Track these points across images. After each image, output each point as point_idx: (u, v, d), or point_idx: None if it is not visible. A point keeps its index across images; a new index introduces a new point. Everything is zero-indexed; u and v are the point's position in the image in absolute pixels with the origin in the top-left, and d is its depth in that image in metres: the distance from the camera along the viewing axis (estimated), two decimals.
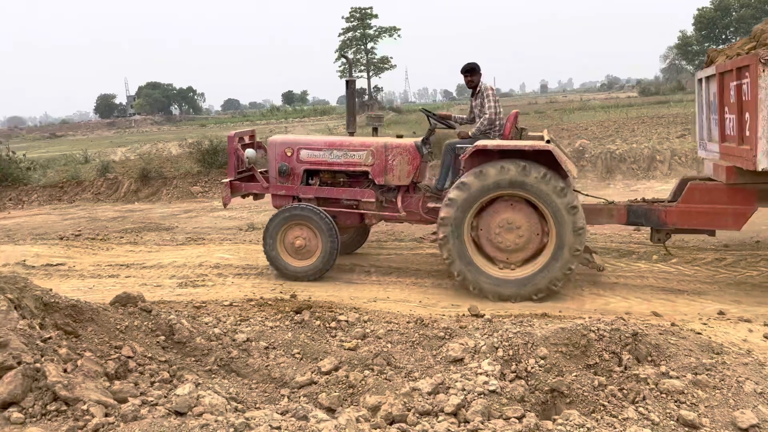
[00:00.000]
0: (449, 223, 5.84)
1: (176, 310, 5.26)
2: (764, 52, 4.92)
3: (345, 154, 6.79)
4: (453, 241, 5.84)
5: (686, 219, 5.94)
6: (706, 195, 5.81)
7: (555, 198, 5.61)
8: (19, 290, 4.05)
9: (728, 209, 5.69)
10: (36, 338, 3.64)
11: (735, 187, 5.60)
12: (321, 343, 4.52)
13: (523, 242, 5.86)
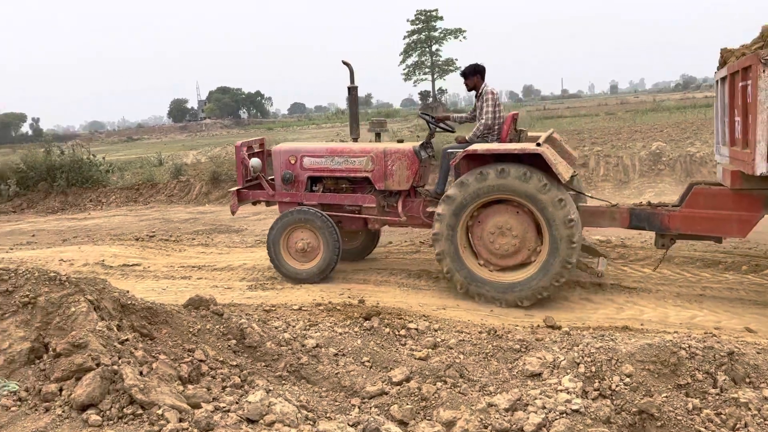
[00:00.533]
0: (440, 238, 5.94)
1: (246, 314, 5.30)
2: (765, 52, 4.68)
3: (346, 161, 6.86)
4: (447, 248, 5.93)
5: (689, 224, 5.72)
6: (711, 200, 5.59)
7: (541, 197, 5.56)
8: (98, 292, 4.14)
9: (733, 215, 5.45)
10: (114, 340, 3.70)
11: (740, 192, 5.34)
12: (391, 352, 4.42)
13: (518, 245, 5.84)
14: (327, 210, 6.87)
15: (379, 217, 6.87)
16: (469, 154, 5.86)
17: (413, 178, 6.67)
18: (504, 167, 5.67)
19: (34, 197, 14.59)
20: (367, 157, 6.76)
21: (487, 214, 5.91)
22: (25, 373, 3.54)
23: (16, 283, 3.84)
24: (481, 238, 5.94)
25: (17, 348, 3.60)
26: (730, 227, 5.53)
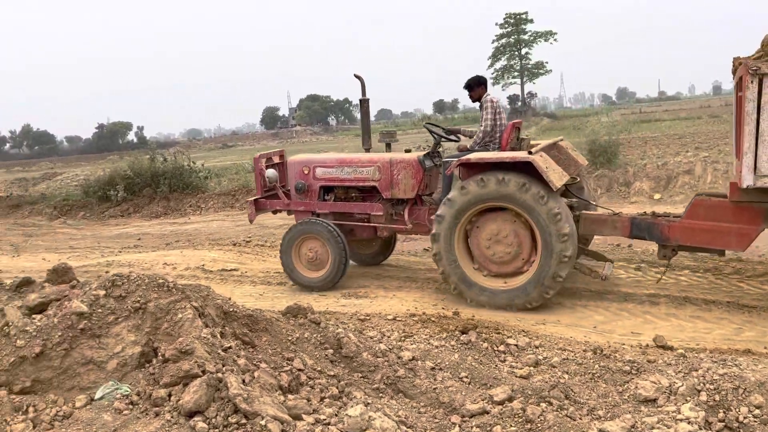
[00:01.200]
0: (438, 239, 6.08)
1: (341, 322, 5.31)
2: (753, 62, 4.62)
3: (355, 171, 7.09)
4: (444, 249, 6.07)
5: (689, 236, 5.61)
6: (710, 212, 5.45)
7: (535, 206, 5.61)
8: (202, 299, 4.25)
9: (732, 228, 5.28)
10: (218, 347, 3.77)
11: (740, 205, 5.16)
12: (490, 368, 4.27)
13: (513, 252, 5.95)
14: (339, 218, 7.16)
15: (386, 225, 7.04)
16: (464, 162, 5.99)
17: (418, 187, 6.83)
18: (505, 176, 5.73)
19: (140, 202, 15.44)
20: (374, 167, 6.97)
21: (485, 220, 6.01)
22: (136, 376, 3.68)
23: (129, 288, 4.00)
24: (478, 243, 6.07)
25: (129, 352, 3.75)
26: (729, 240, 5.39)
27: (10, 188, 22.77)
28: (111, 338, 3.78)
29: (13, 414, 3.36)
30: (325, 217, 7.20)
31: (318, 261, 6.94)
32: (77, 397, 3.52)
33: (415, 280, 7.18)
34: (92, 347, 3.71)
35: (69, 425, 3.18)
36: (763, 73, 4.64)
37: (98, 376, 3.66)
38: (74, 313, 3.75)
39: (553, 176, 5.59)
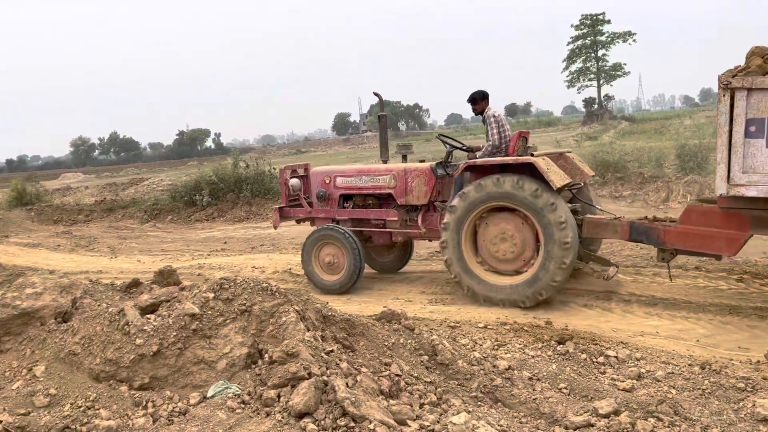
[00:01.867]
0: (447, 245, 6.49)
1: (431, 329, 5.32)
2: (725, 77, 4.88)
3: (372, 179, 7.51)
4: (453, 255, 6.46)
5: (683, 240, 5.80)
6: (702, 217, 5.65)
7: (534, 201, 5.96)
8: (303, 302, 4.37)
9: (722, 233, 5.48)
10: (320, 350, 3.87)
11: (728, 211, 5.32)
12: (590, 380, 4.18)
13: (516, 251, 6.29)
14: (356, 224, 7.61)
15: (401, 230, 7.40)
16: (471, 167, 6.50)
17: (431, 194, 7.16)
18: (499, 177, 6.14)
19: (224, 207, 15.99)
20: (390, 175, 7.37)
21: (492, 221, 6.38)
22: (244, 376, 3.82)
23: (235, 291, 4.16)
24: (485, 239, 6.43)
25: (237, 352, 3.90)
26: (720, 245, 5.54)
27: (102, 193, 24.13)
28: (220, 339, 3.95)
29: (134, 408, 3.56)
30: (344, 224, 7.59)
31: (335, 265, 7.31)
32: (191, 394, 3.69)
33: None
34: (203, 347, 3.88)
35: (187, 421, 3.33)
36: (734, 87, 4.89)
37: (209, 375, 3.83)
38: (187, 314, 3.94)
39: (553, 176, 5.93)
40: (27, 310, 4.13)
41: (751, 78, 4.87)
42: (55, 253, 11.95)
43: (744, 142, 4.95)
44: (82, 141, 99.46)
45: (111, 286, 5.33)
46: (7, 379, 3.80)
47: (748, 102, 4.90)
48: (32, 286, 4.30)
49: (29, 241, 13.70)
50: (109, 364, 3.76)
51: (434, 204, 7.23)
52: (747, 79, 4.89)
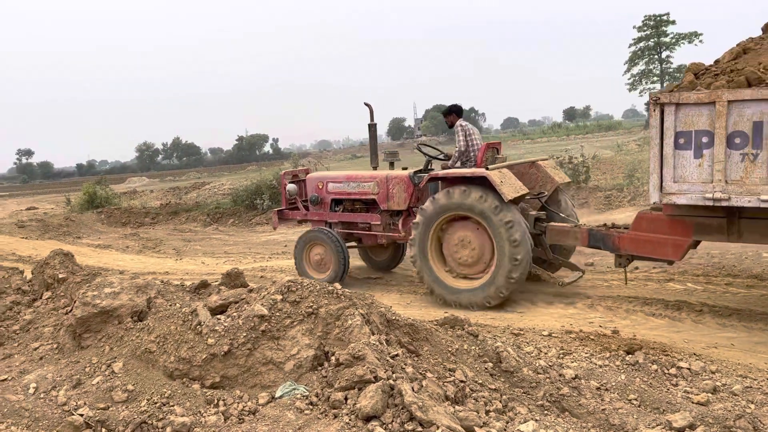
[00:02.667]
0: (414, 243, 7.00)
1: (494, 335, 5.26)
2: (654, 94, 5.32)
3: (359, 185, 8.10)
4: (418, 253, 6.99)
5: (635, 246, 6.07)
6: (651, 224, 5.92)
7: (492, 216, 6.39)
8: (367, 306, 4.40)
9: (668, 239, 5.77)
10: (386, 354, 3.89)
11: (673, 218, 5.67)
12: (661, 392, 4.05)
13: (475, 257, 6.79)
14: (346, 227, 8.29)
15: (383, 234, 7.96)
16: (433, 177, 7.10)
17: (410, 200, 7.69)
18: (467, 188, 6.57)
19: None
20: (374, 182, 7.92)
21: (453, 229, 6.86)
22: (310, 378, 3.88)
23: (302, 294, 4.23)
24: (448, 247, 6.92)
25: (304, 354, 3.96)
26: (666, 250, 5.82)
27: (166, 196, 24.98)
28: (288, 340, 4.02)
29: (206, 406, 3.67)
30: (335, 226, 8.29)
31: (323, 264, 8.00)
32: (260, 394, 3.78)
33: (565, 296, 6.97)
34: (272, 348, 3.97)
35: (257, 420, 3.41)
36: (663, 103, 5.28)
37: (277, 375, 3.91)
38: (256, 315, 4.04)
39: (505, 189, 6.32)
40: (106, 309, 4.32)
41: (678, 94, 5.26)
42: (124, 254, 12.44)
43: (674, 154, 5.31)
44: (147, 146, 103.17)
45: (181, 286, 5.51)
46: (87, 375, 3.98)
47: (677, 116, 5.27)
48: (110, 286, 4.50)
49: (100, 242, 14.32)
50: (182, 362, 3.89)
51: (413, 210, 7.66)
52: (674, 95, 5.27)
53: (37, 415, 3.51)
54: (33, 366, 4.27)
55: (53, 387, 3.87)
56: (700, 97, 5.15)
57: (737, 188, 5.08)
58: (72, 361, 4.19)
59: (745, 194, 5.03)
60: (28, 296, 6.06)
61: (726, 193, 5.12)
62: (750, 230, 5.37)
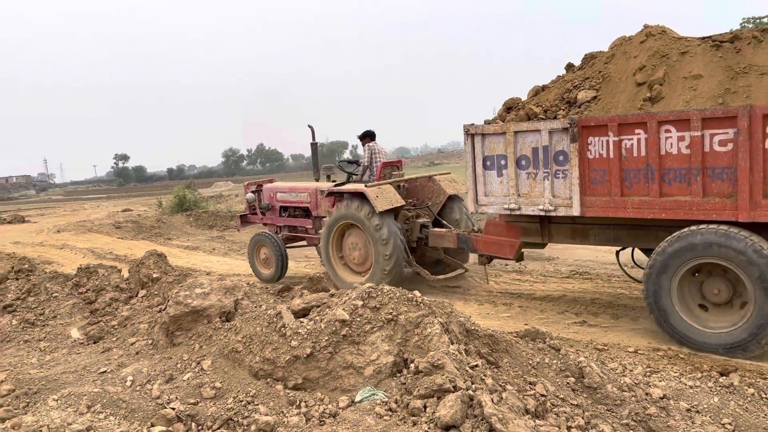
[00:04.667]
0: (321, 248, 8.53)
1: (576, 350, 5.13)
2: (466, 126, 6.49)
3: (297, 195, 9.56)
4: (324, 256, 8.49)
5: (485, 247, 7.14)
6: (495, 228, 7.00)
7: (366, 222, 7.72)
8: (446, 315, 4.40)
9: (505, 241, 6.87)
10: (465, 364, 3.88)
11: (508, 223, 6.79)
12: (758, 417, 3.83)
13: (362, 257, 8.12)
14: (290, 230, 9.77)
15: (315, 236, 9.10)
16: (329, 192, 8.58)
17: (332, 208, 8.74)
18: (350, 201, 7.97)
19: None
20: (307, 193, 9.36)
21: (349, 233, 8.20)
22: (389, 384, 3.92)
23: (382, 300, 4.29)
24: (345, 250, 8.33)
25: (383, 360, 4.01)
26: (505, 250, 6.92)
27: None
28: (367, 346, 4.08)
29: (289, 407, 3.78)
30: (282, 229, 9.79)
31: (268, 261, 9.35)
32: (340, 398, 3.85)
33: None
34: (352, 353, 4.04)
35: (338, 423, 3.48)
36: (472, 133, 6.49)
37: (357, 380, 3.97)
38: (338, 320, 4.12)
39: (377, 203, 7.57)
40: (197, 308, 4.54)
41: (482, 126, 6.51)
42: (211, 256, 12.97)
43: (483, 173, 6.55)
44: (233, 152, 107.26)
45: (266, 289, 5.71)
46: (179, 371, 4.19)
47: (483, 144, 6.48)
48: (200, 287, 4.73)
49: (188, 243, 15.00)
50: (267, 363, 4.02)
51: None
52: (479, 127, 6.52)
53: (133, 407, 3.73)
54: (130, 360, 4.55)
55: (148, 381, 4.09)
56: (496, 128, 6.42)
57: (524, 200, 6.32)
58: (165, 357, 4.42)
59: (530, 204, 6.29)
60: (125, 293, 6.45)
61: (517, 203, 6.37)
62: (556, 232, 6.57)
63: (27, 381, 4.24)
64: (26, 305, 6.40)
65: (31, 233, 19.37)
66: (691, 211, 5.28)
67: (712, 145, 5.13)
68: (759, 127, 4.87)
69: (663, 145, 5.36)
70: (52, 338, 5.54)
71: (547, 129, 5.99)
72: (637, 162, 5.51)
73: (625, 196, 5.61)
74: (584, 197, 5.85)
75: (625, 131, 5.54)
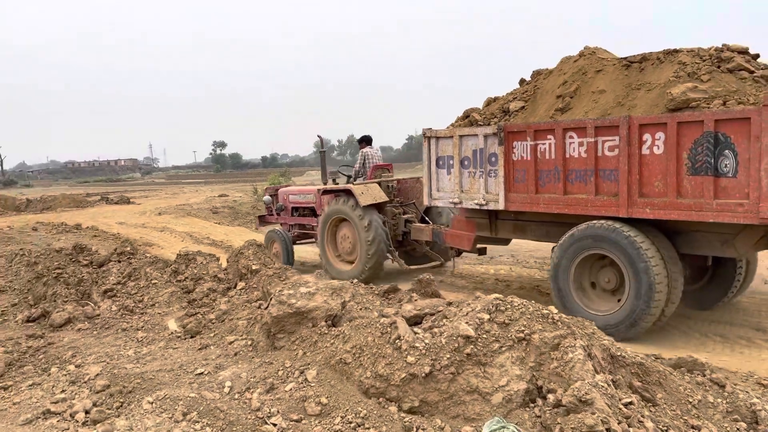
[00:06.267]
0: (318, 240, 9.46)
1: (733, 383, 4.30)
2: (424, 129, 7.59)
3: (305, 197, 10.50)
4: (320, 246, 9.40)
5: (451, 240, 7.95)
6: (458, 223, 7.81)
7: (352, 214, 8.65)
8: (588, 336, 3.74)
9: (464, 234, 7.65)
10: (617, 400, 3.22)
11: (467, 218, 7.58)
12: None
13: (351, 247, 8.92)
14: (300, 228, 10.62)
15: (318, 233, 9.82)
16: (323, 190, 9.64)
17: None
18: (340, 197, 8.94)
19: None
20: (312, 194, 10.27)
21: (341, 227, 9.04)
22: (521, 416, 3.32)
23: (512, 315, 3.68)
24: (338, 241, 9.14)
25: (514, 387, 3.41)
26: (464, 242, 7.69)
27: None
28: (495, 368, 3.50)
29: None
30: (294, 227, 10.66)
31: (278, 255, 10.03)
32: (463, 427, 3.30)
33: None
34: (477, 375, 3.47)
35: None
36: (429, 136, 7.45)
37: (482, 408, 3.40)
38: (461, 335, 3.56)
39: (362, 199, 8.45)
40: (301, 310, 4.11)
41: (435, 130, 7.41)
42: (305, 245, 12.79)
43: (437, 172, 7.43)
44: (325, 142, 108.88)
45: (371, 289, 5.24)
46: (280, 379, 3.77)
47: (437, 146, 7.38)
48: (306, 286, 4.30)
49: None
50: (379, 379, 3.52)
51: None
52: (434, 131, 7.43)
53: (232, 419, 3.33)
54: (228, 361, 4.19)
55: (247, 388, 3.70)
56: (446, 132, 7.34)
57: (466, 195, 7.15)
58: (265, 361, 4.02)
59: (469, 199, 7.10)
60: (223, 284, 6.19)
61: (460, 198, 7.20)
62: (502, 227, 7.22)
63: (122, 377, 3.95)
64: (126, 290, 6.27)
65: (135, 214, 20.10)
66: (587, 208, 6.03)
67: (603, 149, 5.86)
68: (636, 135, 5.58)
69: (567, 149, 6.12)
70: (149, 328, 5.32)
71: (482, 134, 6.88)
72: (548, 163, 6.30)
73: (539, 193, 6.40)
74: (508, 194, 6.68)
75: (539, 137, 6.35)
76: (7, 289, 7.02)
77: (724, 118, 5.05)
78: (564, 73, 7.05)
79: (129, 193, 33.52)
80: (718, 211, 5.12)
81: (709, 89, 5.51)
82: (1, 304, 6.72)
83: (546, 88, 7.20)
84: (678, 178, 5.33)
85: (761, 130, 4.82)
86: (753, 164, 4.90)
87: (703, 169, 5.18)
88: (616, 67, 6.55)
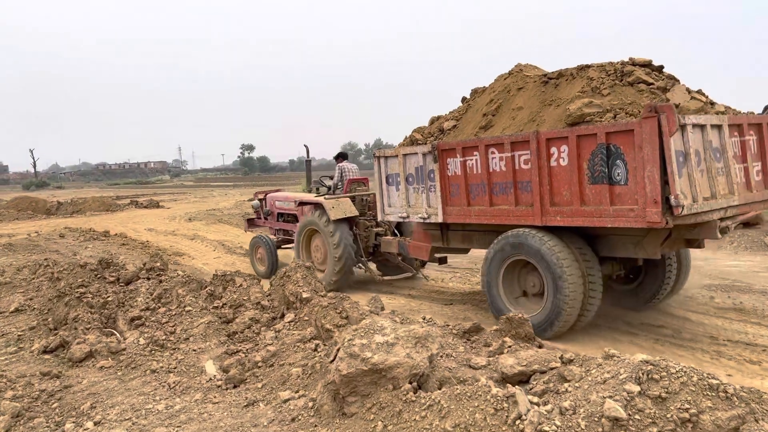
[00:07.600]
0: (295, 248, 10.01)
1: None
2: (374, 150, 8.21)
3: (288, 204, 11.04)
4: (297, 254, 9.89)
5: (413, 251, 8.22)
6: (417, 235, 8.11)
7: (323, 228, 9.12)
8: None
9: (423, 245, 7.99)
10: None
11: (424, 230, 7.89)
12: None
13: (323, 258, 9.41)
14: (284, 234, 11.13)
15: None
16: (300, 202, 10.53)
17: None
18: (314, 209, 9.52)
19: None
20: (294, 202, 10.77)
21: (315, 237, 9.59)
22: None
23: (670, 387, 2.82)
24: (312, 251, 9.65)
25: None
26: (422, 253, 8.05)
27: None
28: None
29: None
30: (279, 232, 11.24)
31: (263, 259, 10.70)
32: None
33: None
34: None
35: None
36: (378, 156, 7.98)
37: None
38: (606, 416, 2.65)
39: (332, 213, 8.91)
40: (378, 367, 3.19)
41: (383, 150, 7.99)
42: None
43: (387, 188, 7.92)
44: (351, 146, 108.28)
45: (448, 328, 4.32)
46: None
47: (386, 164, 7.89)
48: (382, 332, 3.36)
49: None
50: None
51: None
52: (381, 151, 8.02)
53: None
54: (284, 430, 3.30)
55: None
56: (392, 152, 7.78)
57: (412, 210, 7.55)
58: None
59: (415, 213, 7.53)
60: (267, 313, 5.31)
61: (408, 213, 7.60)
62: (452, 238, 7.54)
63: None
64: (156, 318, 5.45)
65: (165, 220, 19.50)
66: (510, 218, 6.42)
67: (519, 163, 6.23)
68: (544, 148, 5.94)
69: (491, 164, 6.51)
70: (183, 370, 4.49)
71: (421, 152, 7.29)
72: (476, 178, 6.70)
73: (470, 205, 6.81)
74: (446, 207, 7.10)
75: (467, 153, 6.74)
76: (26, 308, 6.29)
77: (613, 130, 5.41)
78: (493, 91, 7.45)
79: (158, 197, 33.21)
80: (614, 216, 5.52)
81: (608, 103, 5.86)
82: (20, 326, 5.99)
83: (476, 106, 7.64)
84: (581, 188, 5.71)
85: (642, 141, 5.17)
86: (639, 172, 5.28)
87: (600, 178, 5.56)
88: (535, 84, 6.86)
